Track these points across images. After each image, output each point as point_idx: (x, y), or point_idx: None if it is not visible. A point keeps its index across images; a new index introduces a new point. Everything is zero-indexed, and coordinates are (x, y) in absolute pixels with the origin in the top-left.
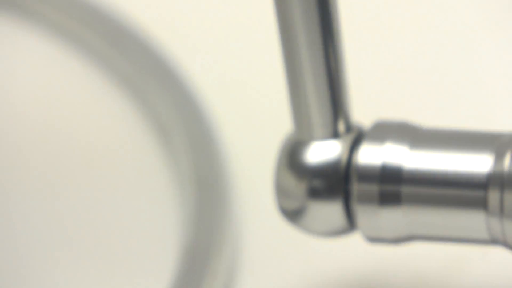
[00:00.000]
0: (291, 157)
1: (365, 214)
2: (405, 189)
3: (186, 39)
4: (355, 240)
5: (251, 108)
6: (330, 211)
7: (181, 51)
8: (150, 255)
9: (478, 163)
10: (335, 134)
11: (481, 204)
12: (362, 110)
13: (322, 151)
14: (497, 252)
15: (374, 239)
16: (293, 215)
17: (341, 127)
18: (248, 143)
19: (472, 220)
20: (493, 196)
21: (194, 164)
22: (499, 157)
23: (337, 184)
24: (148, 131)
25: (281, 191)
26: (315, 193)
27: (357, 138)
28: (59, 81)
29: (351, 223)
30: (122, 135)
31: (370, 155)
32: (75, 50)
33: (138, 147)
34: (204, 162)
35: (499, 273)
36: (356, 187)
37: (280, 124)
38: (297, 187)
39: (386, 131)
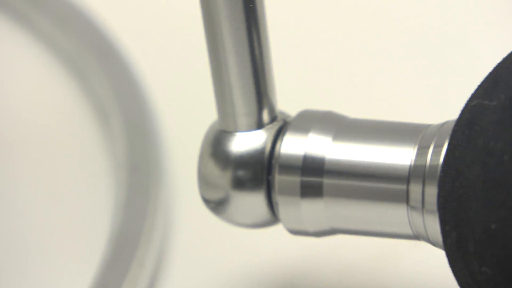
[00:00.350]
0: (214, 146)
1: (286, 206)
2: (327, 181)
3: (131, 23)
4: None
5: (191, 96)
6: (253, 202)
7: (126, 37)
8: (78, 239)
9: (401, 156)
10: (259, 124)
11: (403, 198)
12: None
13: (246, 141)
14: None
15: (296, 232)
16: (216, 205)
17: (266, 117)
18: (185, 131)
19: (394, 215)
20: (415, 190)
21: (129, 148)
22: (422, 149)
23: (259, 174)
24: (87, 112)
25: (204, 181)
26: (237, 184)
27: (282, 128)
28: None
29: (274, 215)
30: (60, 114)
31: (292, 145)
32: (18, 28)
33: (76, 127)
34: (139, 148)
35: (429, 264)
36: (277, 178)
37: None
38: (220, 178)
39: (310, 121)
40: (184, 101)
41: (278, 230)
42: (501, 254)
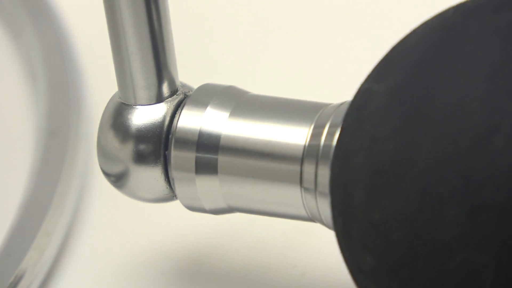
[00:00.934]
0: (114, 119)
1: (182, 182)
2: (222, 158)
3: None
4: None
5: None
6: (151, 177)
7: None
8: None
9: (296, 135)
10: (159, 98)
11: (297, 179)
12: None
13: (145, 115)
14: None
15: (193, 209)
16: (116, 179)
17: (166, 90)
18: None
19: (288, 196)
20: (308, 171)
21: (51, 112)
22: (317, 129)
23: (157, 149)
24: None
25: (103, 154)
26: (135, 157)
27: (182, 102)
28: None
29: (172, 191)
30: None
31: (189, 120)
32: None
33: (2, 83)
34: (61, 112)
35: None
36: (173, 154)
37: None
38: (119, 151)
39: (209, 95)
40: (112, 69)
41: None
42: (383, 245)
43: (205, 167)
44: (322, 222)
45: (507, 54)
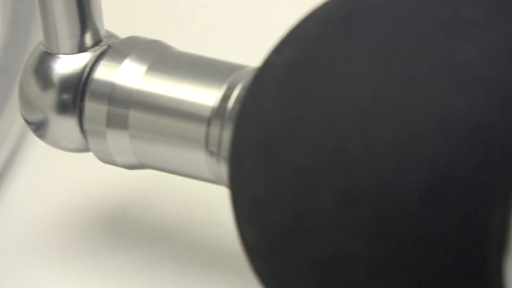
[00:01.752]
0: (36, 67)
1: (94, 135)
2: (133, 113)
3: None
4: None
5: None
6: (67, 127)
7: None
8: None
9: (206, 96)
10: (81, 47)
11: (202, 141)
12: None
13: (66, 64)
14: None
15: (106, 162)
16: (36, 127)
17: (89, 40)
18: None
19: (194, 157)
20: (214, 134)
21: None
22: (228, 91)
23: (74, 100)
24: None
25: (24, 101)
26: (53, 106)
27: (103, 53)
28: None
29: (87, 142)
30: None
31: (105, 72)
32: None
33: None
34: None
35: None
36: (87, 105)
37: None
38: (39, 98)
39: (130, 48)
40: None
41: None
42: (264, 223)
43: (116, 121)
44: (226, 186)
45: (403, 37)
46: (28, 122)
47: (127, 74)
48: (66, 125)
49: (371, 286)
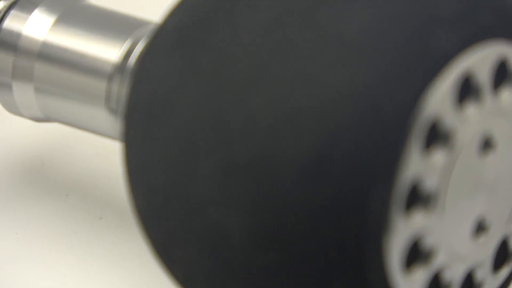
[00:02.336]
0: None
1: (1, 86)
2: (38, 66)
3: None
4: None
5: None
6: None
7: None
8: None
9: (110, 51)
10: None
11: (103, 97)
12: None
13: None
14: None
15: (14, 113)
16: None
17: None
18: None
19: (95, 114)
20: (114, 90)
21: None
22: (131, 48)
23: None
24: None
25: None
26: None
27: (15, 3)
28: None
29: None
30: None
31: (14, 22)
32: None
33: None
34: None
35: None
36: None
37: None
38: None
39: None
40: None
41: None
42: (146, 188)
43: (22, 73)
44: None
45: (291, 5)
46: None
47: (34, 25)
48: None
49: (250, 259)
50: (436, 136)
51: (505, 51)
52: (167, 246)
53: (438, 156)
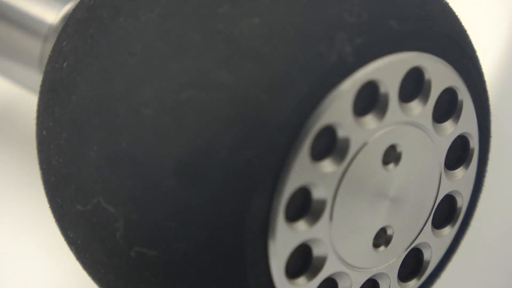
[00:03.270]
0: None
1: None
2: None
3: None
4: None
5: None
6: None
7: None
8: None
9: (49, 12)
10: None
11: (37, 58)
12: None
13: None
14: None
15: None
16: None
17: None
18: None
19: (28, 75)
20: (47, 53)
21: None
22: (69, 11)
23: None
24: None
25: None
26: None
27: None
28: None
29: None
30: None
31: None
32: None
33: None
34: None
35: None
36: None
37: None
38: None
39: None
40: None
41: None
42: (46, 163)
43: None
44: None
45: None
46: None
47: None
48: None
49: (127, 250)
50: (331, 144)
51: (418, 62)
52: (62, 224)
53: (330, 165)
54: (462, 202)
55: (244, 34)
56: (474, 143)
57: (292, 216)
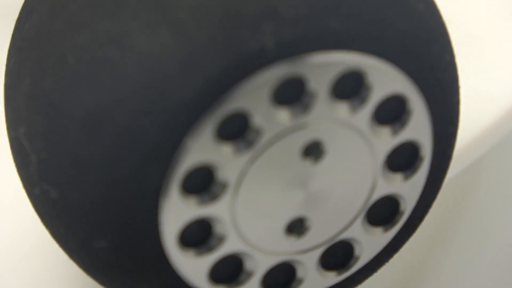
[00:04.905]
0: None
1: None
2: None
3: None
4: None
5: None
6: None
7: None
8: None
9: None
10: None
11: None
12: None
13: None
14: None
15: None
16: None
17: None
18: None
19: None
20: None
21: None
22: None
23: None
24: None
25: None
26: None
27: None
28: None
29: None
30: None
31: None
32: None
33: None
34: None
35: None
36: None
37: None
38: None
39: None
40: None
41: None
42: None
43: None
44: None
45: None
46: None
47: None
48: None
49: (37, 183)
50: (243, 130)
51: (356, 63)
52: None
53: (237, 150)
54: (405, 206)
55: (174, 4)
56: (425, 151)
57: (190, 190)
